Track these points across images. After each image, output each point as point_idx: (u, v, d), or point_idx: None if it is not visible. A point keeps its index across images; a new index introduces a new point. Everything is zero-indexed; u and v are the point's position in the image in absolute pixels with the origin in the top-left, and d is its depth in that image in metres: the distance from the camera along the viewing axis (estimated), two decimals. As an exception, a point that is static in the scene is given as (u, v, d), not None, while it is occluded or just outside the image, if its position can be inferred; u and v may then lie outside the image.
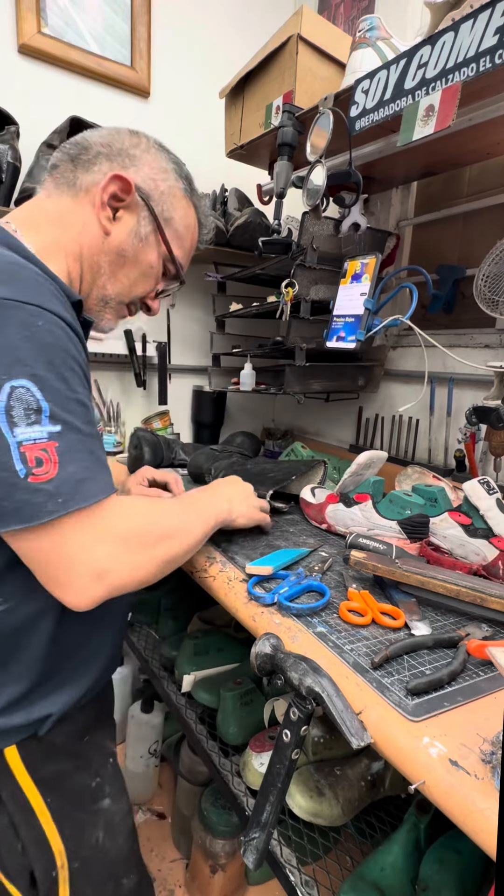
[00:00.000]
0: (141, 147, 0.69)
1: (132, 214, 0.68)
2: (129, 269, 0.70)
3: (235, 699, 0.98)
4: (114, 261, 0.69)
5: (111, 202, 0.66)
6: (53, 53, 1.38)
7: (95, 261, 0.68)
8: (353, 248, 1.25)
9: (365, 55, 1.07)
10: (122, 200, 0.67)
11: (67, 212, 0.66)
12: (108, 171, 0.65)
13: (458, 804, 0.41)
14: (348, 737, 0.48)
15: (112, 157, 0.67)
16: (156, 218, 0.69)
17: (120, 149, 0.67)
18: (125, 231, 0.68)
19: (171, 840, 1.31)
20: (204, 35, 1.65)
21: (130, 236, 0.69)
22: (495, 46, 0.78)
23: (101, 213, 0.66)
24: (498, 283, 1.06)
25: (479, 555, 0.78)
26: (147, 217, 0.69)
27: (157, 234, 0.71)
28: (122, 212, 0.67)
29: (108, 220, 0.67)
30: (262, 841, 0.56)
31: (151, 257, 0.72)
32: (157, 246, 0.71)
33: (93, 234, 0.66)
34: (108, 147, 0.67)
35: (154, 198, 0.69)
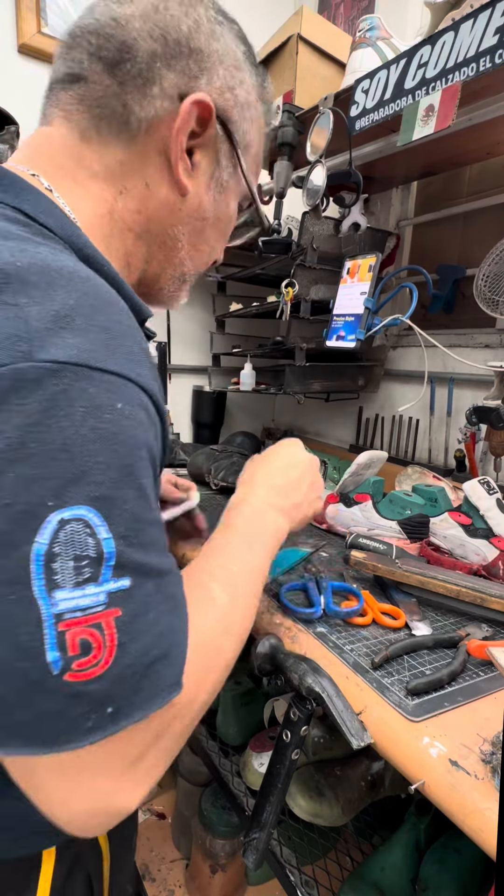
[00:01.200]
0: (203, 26, 0.44)
1: (208, 153, 0.47)
2: (210, 231, 0.51)
3: (235, 699, 0.98)
4: (194, 229, 0.49)
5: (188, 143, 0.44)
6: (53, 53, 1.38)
7: (170, 234, 0.48)
8: (353, 247, 1.25)
9: (365, 55, 1.07)
10: (198, 136, 0.45)
11: (121, 168, 0.44)
12: (176, 89, 0.43)
13: (458, 804, 0.41)
14: (348, 737, 0.48)
15: (174, 58, 0.42)
16: (237, 152, 0.48)
17: (178, 39, 0.42)
18: (203, 181, 0.47)
19: (171, 840, 1.31)
20: (204, 35, 1.65)
21: (209, 187, 0.48)
22: (495, 46, 0.78)
23: (179, 164, 0.44)
24: (498, 283, 1.06)
25: (480, 555, 0.78)
26: (227, 151, 0.48)
27: (239, 172, 0.50)
28: (197, 153, 0.46)
29: (188, 172, 0.46)
30: (262, 841, 0.56)
31: (232, 207, 0.52)
32: (236, 188, 0.51)
33: (162, 198, 0.46)
34: (160, 41, 0.42)
35: (234, 119, 0.47)
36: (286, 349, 1.26)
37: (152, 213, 0.46)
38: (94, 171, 0.43)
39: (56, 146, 0.43)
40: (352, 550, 0.74)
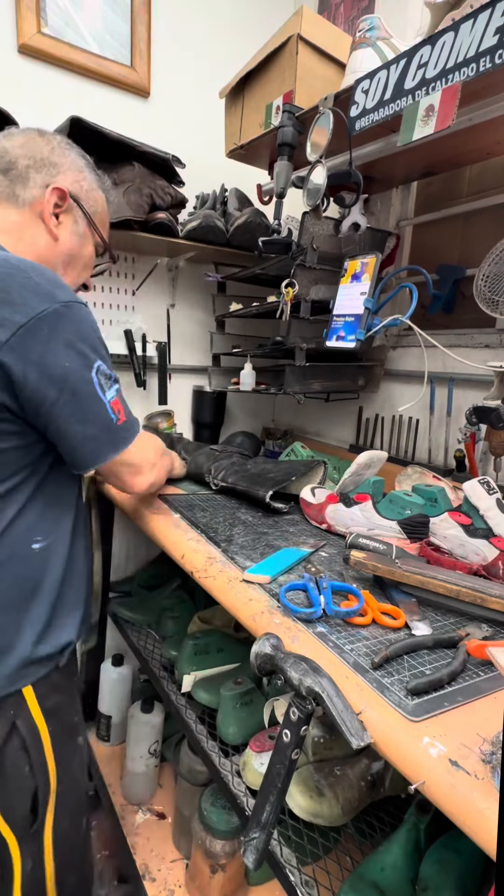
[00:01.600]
0: (56, 151, 0.78)
1: (69, 216, 0.79)
2: (76, 263, 0.83)
3: (235, 699, 0.98)
4: (65, 261, 0.80)
5: (53, 210, 0.77)
6: (53, 53, 1.38)
7: (49, 263, 0.77)
8: (353, 247, 1.25)
9: (365, 55, 1.07)
10: (60, 207, 0.77)
11: (17, 225, 0.75)
12: (43, 183, 0.75)
13: (458, 804, 0.41)
14: (348, 737, 0.48)
15: (39, 168, 0.76)
16: (87, 214, 0.81)
17: (42, 158, 0.76)
18: (67, 232, 0.79)
19: (170, 840, 1.31)
20: (204, 35, 1.65)
21: (73, 236, 0.80)
22: (495, 46, 0.78)
23: (49, 222, 0.76)
24: (498, 283, 1.06)
25: (479, 555, 0.78)
26: (81, 216, 0.81)
27: (90, 228, 0.83)
28: (62, 216, 0.78)
29: (55, 226, 0.77)
30: (262, 841, 0.56)
31: (89, 248, 0.85)
32: (91, 237, 0.84)
33: (44, 242, 0.77)
34: (31, 159, 0.75)
35: (82, 197, 0.80)
36: (286, 349, 1.26)
37: (40, 252, 0.77)
38: (2, 227, 0.75)
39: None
40: (352, 550, 0.74)
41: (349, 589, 0.71)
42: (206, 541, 0.90)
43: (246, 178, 1.59)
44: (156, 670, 1.21)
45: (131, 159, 1.41)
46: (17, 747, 0.68)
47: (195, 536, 0.91)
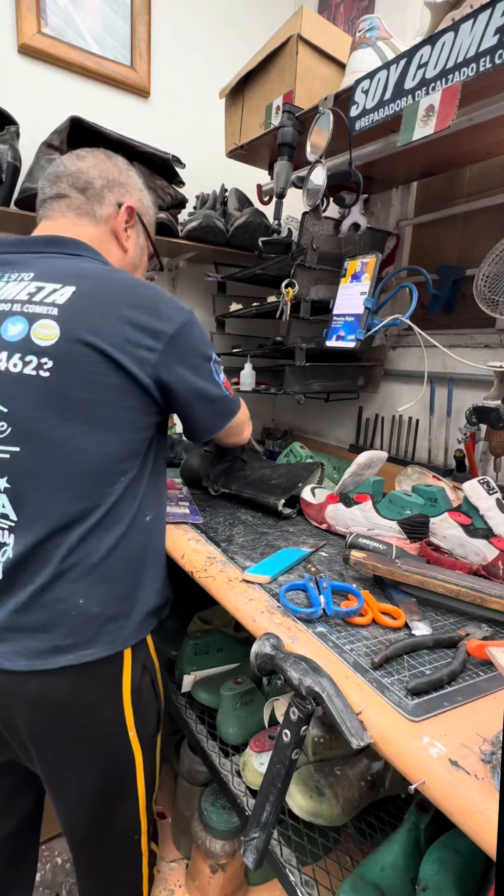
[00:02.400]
0: (123, 173, 0.87)
1: (134, 231, 0.88)
2: (137, 272, 0.92)
3: (235, 699, 0.98)
4: (131, 270, 0.89)
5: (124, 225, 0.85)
6: (53, 53, 1.38)
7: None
8: (353, 247, 1.25)
9: (365, 55, 1.07)
10: (129, 222, 0.86)
11: (98, 240, 0.82)
12: (115, 201, 0.84)
13: (458, 804, 0.41)
14: (348, 737, 0.48)
15: (111, 188, 0.84)
16: (146, 228, 0.90)
17: (113, 179, 0.85)
18: (134, 245, 0.88)
19: (170, 840, 1.31)
20: (204, 35, 1.65)
21: (137, 248, 0.89)
22: (495, 46, 0.78)
23: (123, 237, 0.85)
24: (498, 283, 1.06)
25: (479, 555, 0.78)
26: (142, 230, 0.90)
27: (148, 240, 0.92)
28: (129, 231, 0.86)
29: (126, 240, 0.86)
30: (262, 841, 0.56)
31: (146, 258, 0.94)
32: (147, 248, 0.93)
33: (118, 254, 0.86)
34: (104, 179, 0.83)
35: (143, 213, 0.89)
36: (286, 349, 1.26)
37: (114, 263, 0.85)
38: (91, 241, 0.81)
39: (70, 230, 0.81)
40: (352, 550, 0.74)
41: (349, 589, 0.71)
42: (205, 541, 0.90)
43: (246, 178, 1.59)
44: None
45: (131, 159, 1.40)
46: (148, 682, 0.79)
47: (195, 536, 0.91)
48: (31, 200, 1.23)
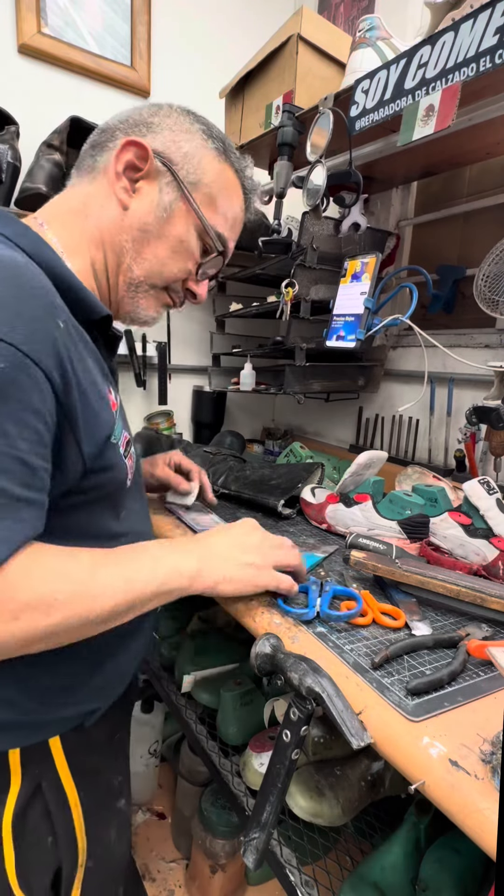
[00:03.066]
0: (161, 114, 0.63)
1: (153, 184, 0.61)
2: (156, 245, 0.62)
3: (235, 699, 0.98)
4: (137, 238, 0.61)
5: (128, 173, 0.60)
6: (53, 53, 1.38)
7: (117, 242, 0.61)
8: (353, 247, 1.25)
9: (365, 55, 1.07)
10: (139, 170, 0.60)
11: (88, 197, 0.61)
12: (124, 139, 0.60)
13: (458, 804, 0.41)
14: (348, 737, 0.48)
15: (129, 129, 0.61)
16: (180, 182, 0.61)
17: (138, 120, 0.62)
18: (146, 203, 0.61)
19: (170, 840, 1.31)
20: (204, 35, 1.65)
21: (152, 207, 0.61)
22: (495, 46, 0.78)
23: (115, 185, 0.60)
24: (498, 283, 1.06)
25: (480, 555, 0.78)
26: (171, 183, 0.61)
27: (185, 202, 0.61)
28: (141, 182, 0.61)
29: (126, 192, 0.60)
30: (262, 841, 0.56)
31: (180, 229, 0.62)
32: (186, 216, 0.62)
33: (111, 214, 0.60)
34: (125, 122, 0.62)
35: (176, 161, 0.61)
36: (286, 349, 1.26)
37: (105, 226, 0.61)
38: (73, 206, 0.62)
39: (57, 199, 0.64)
40: (352, 550, 0.74)
41: (350, 594, 0.70)
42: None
43: (246, 178, 1.59)
44: (155, 670, 1.21)
45: (131, 159, 1.40)
46: (39, 814, 0.58)
47: (195, 536, 0.91)
48: (31, 200, 1.23)
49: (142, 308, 0.66)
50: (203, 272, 0.68)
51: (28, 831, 0.57)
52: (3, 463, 0.43)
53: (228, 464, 1.21)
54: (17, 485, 0.44)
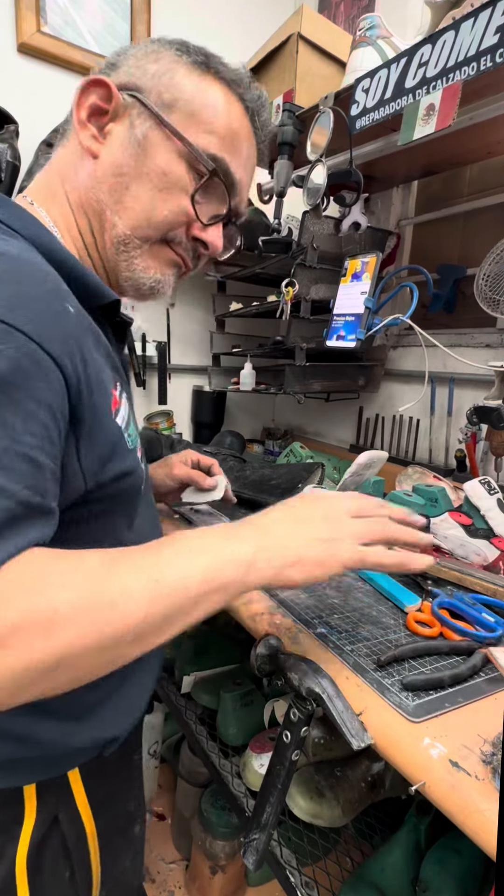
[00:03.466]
0: (128, 51, 0.55)
1: (123, 122, 0.53)
2: (137, 188, 0.53)
3: (235, 700, 0.98)
4: (113, 186, 0.53)
5: (94, 119, 0.53)
6: (53, 52, 1.38)
7: (94, 198, 0.53)
8: (353, 247, 1.25)
9: (365, 54, 1.07)
10: (105, 112, 0.52)
11: (60, 161, 0.55)
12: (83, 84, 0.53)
13: (459, 805, 0.41)
14: (349, 738, 0.47)
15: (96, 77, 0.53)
16: (149, 107, 0.52)
17: (107, 63, 0.56)
18: (118, 144, 0.52)
19: (170, 841, 1.31)
20: (204, 34, 1.64)
21: (124, 146, 0.52)
22: (496, 45, 0.78)
23: (82, 135, 0.52)
24: (499, 283, 1.06)
25: (480, 555, 0.77)
26: (142, 113, 0.52)
27: (160, 127, 0.52)
28: (110, 125, 0.53)
29: (94, 139, 0.53)
30: (262, 842, 0.55)
31: (160, 160, 0.52)
32: (165, 142, 0.52)
33: (84, 170, 0.53)
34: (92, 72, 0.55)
35: (144, 86, 0.53)
36: (286, 349, 1.26)
37: (79, 184, 0.54)
38: (50, 177, 0.55)
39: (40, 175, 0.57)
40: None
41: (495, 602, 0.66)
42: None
43: (246, 177, 1.59)
44: (155, 670, 1.21)
45: (131, 159, 1.40)
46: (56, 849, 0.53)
47: (195, 536, 0.91)
48: (30, 200, 1.23)
49: (140, 270, 0.56)
50: (208, 214, 0.57)
51: (45, 867, 0.52)
52: (4, 459, 0.36)
53: (228, 464, 1.20)
54: (19, 485, 0.36)
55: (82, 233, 0.55)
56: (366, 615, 0.67)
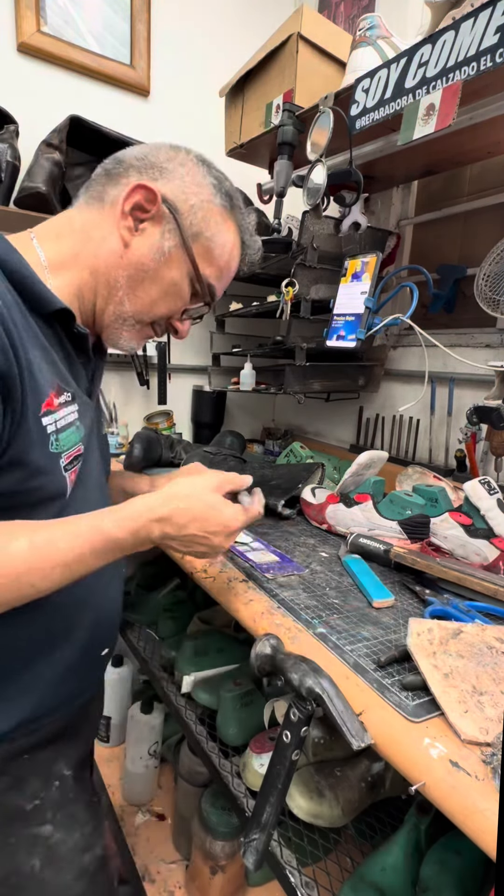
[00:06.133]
0: (177, 160, 0.66)
1: (156, 227, 0.64)
2: (150, 285, 0.65)
3: (235, 700, 0.98)
4: (133, 276, 0.64)
5: (134, 213, 0.63)
6: (53, 52, 1.38)
7: (112, 275, 0.64)
8: (353, 247, 1.25)
9: (365, 54, 1.07)
10: (146, 212, 0.63)
11: (91, 224, 0.64)
12: (134, 182, 0.62)
13: (459, 805, 0.41)
14: (349, 738, 0.47)
15: (143, 170, 0.64)
16: (182, 231, 0.64)
17: (153, 162, 0.65)
18: (147, 244, 0.64)
19: (170, 841, 1.31)
20: (204, 34, 1.65)
21: (152, 250, 0.64)
22: (496, 45, 0.78)
23: (121, 222, 0.63)
24: (499, 283, 1.06)
25: (480, 555, 0.77)
26: (173, 230, 0.64)
27: (182, 250, 0.65)
28: (146, 223, 0.63)
29: (129, 230, 0.63)
30: (262, 842, 0.55)
31: (174, 274, 0.66)
32: (182, 263, 0.66)
33: (111, 246, 0.63)
34: (141, 161, 0.65)
35: (182, 211, 0.64)
36: (286, 349, 1.26)
37: (102, 256, 0.63)
38: (74, 227, 0.64)
39: (59, 217, 0.66)
40: (394, 546, 0.75)
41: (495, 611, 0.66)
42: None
43: (246, 177, 1.59)
44: (155, 671, 1.21)
45: (131, 158, 1.40)
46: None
47: (195, 536, 0.91)
48: (30, 199, 1.23)
49: (124, 339, 0.69)
50: (187, 315, 0.72)
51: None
52: None
53: (228, 464, 1.20)
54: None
55: (83, 286, 0.64)
56: (366, 615, 0.67)
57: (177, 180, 0.64)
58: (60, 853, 0.65)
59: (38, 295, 0.56)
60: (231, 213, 0.69)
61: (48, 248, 0.62)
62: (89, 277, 0.64)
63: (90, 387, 0.69)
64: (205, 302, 0.70)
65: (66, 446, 0.59)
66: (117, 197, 0.63)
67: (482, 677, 0.51)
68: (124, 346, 0.70)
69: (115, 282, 0.64)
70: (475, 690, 0.49)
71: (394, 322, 1.08)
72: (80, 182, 1.37)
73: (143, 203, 0.62)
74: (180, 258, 0.65)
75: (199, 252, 0.66)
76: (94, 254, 0.63)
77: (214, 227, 0.67)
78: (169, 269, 0.65)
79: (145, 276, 0.65)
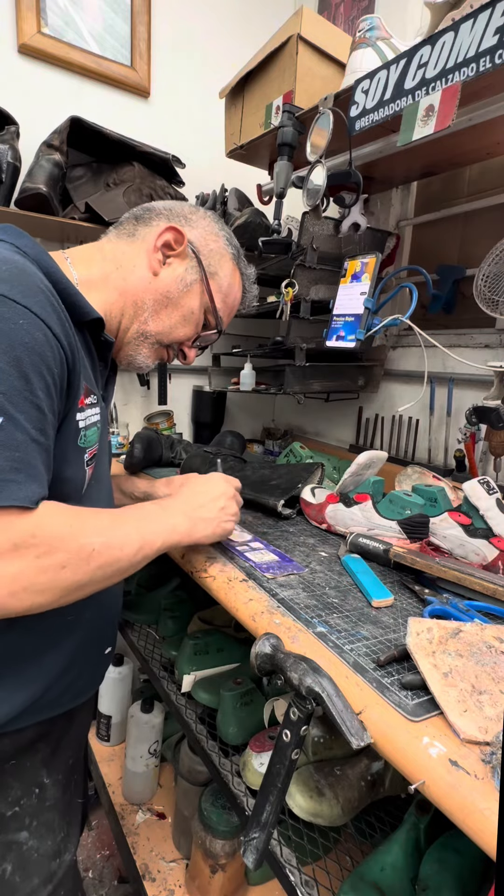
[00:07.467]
0: (198, 214, 0.79)
1: (181, 262, 0.76)
2: (172, 310, 0.76)
3: (235, 699, 0.98)
4: (158, 300, 0.75)
5: (163, 249, 0.74)
6: (53, 53, 1.38)
7: (140, 297, 0.74)
8: (353, 247, 1.25)
9: (365, 55, 1.07)
10: (173, 250, 0.74)
11: (122, 254, 0.74)
12: (164, 224, 0.74)
13: (458, 804, 0.41)
14: (348, 737, 0.48)
15: (171, 217, 0.76)
16: (203, 269, 0.77)
17: (179, 213, 0.78)
18: (172, 275, 0.75)
19: (170, 840, 1.31)
20: (204, 35, 1.65)
21: (176, 281, 0.75)
22: (495, 46, 0.78)
23: (152, 255, 0.74)
24: (498, 283, 1.06)
25: (479, 555, 0.78)
26: (194, 267, 0.77)
27: (202, 284, 0.77)
28: (172, 259, 0.75)
29: (159, 262, 0.74)
30: (262, 841, 0.56)
31: (193, 304, 0.77)
32: (200, 295, 0.78)
33: (141, 274, 0.73)
34: (169, 210, 0.77)
35: (203, 252, 0.77)
36: (286, 349, 1.26)
37: (131, 281, 0.74)
38: (105, 255, 0.74)
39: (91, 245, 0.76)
40: (394, 545, 0.76)
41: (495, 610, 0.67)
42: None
43: (246, 178, 1.59)
44: (156, 670, 1.21)
45: (131, 159, 1.41)
46: None
47: (195, 536, 0.91)
48: (31, 200, 1.24)
49: (142, 356, 0.78)
50: (198, 342, 0.83)
51: None
52: (23, 406, 0.50)
53: (228, 464, 1.21)
54: (34, 428, 0.51)
55: (111, 306, 0.73)
56: (365, 614, 0.67)
57: (199, 229, 0.78)
58: (32, 859, 0.67)
59: (78, 305, 0.63)
60: (237, 261, 0.83)
61: (79, 270, 0.71)
62: (118, 297, 0.73)
63: (104, 393, 0.76)
64: (217, 330, 0.83)
65: (90, 444, 0.65)
66: (149, 234, 0.74)
67: (481, 676, 0.51)
68: (141, 362, 0.79)
69: (143, 303, 0.74)
70: (474, 690, 0.50)
71: (393, 322, 1.09)
72: (81, 183, 1.38)
73: (172, 242, 0.74)
74: (199, 291, 0.78)
75: (214, 289, 0.79)
76: (124, 278, 0.73)
77: (226, 270, 0.81)
78: (189, 298, 0.77)
79: (169, 302, 0.75)
